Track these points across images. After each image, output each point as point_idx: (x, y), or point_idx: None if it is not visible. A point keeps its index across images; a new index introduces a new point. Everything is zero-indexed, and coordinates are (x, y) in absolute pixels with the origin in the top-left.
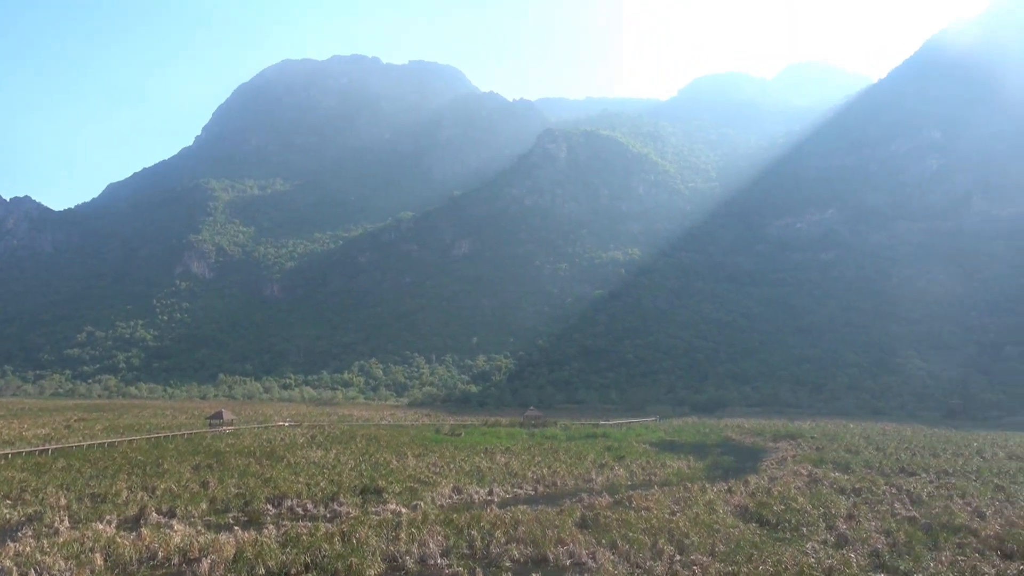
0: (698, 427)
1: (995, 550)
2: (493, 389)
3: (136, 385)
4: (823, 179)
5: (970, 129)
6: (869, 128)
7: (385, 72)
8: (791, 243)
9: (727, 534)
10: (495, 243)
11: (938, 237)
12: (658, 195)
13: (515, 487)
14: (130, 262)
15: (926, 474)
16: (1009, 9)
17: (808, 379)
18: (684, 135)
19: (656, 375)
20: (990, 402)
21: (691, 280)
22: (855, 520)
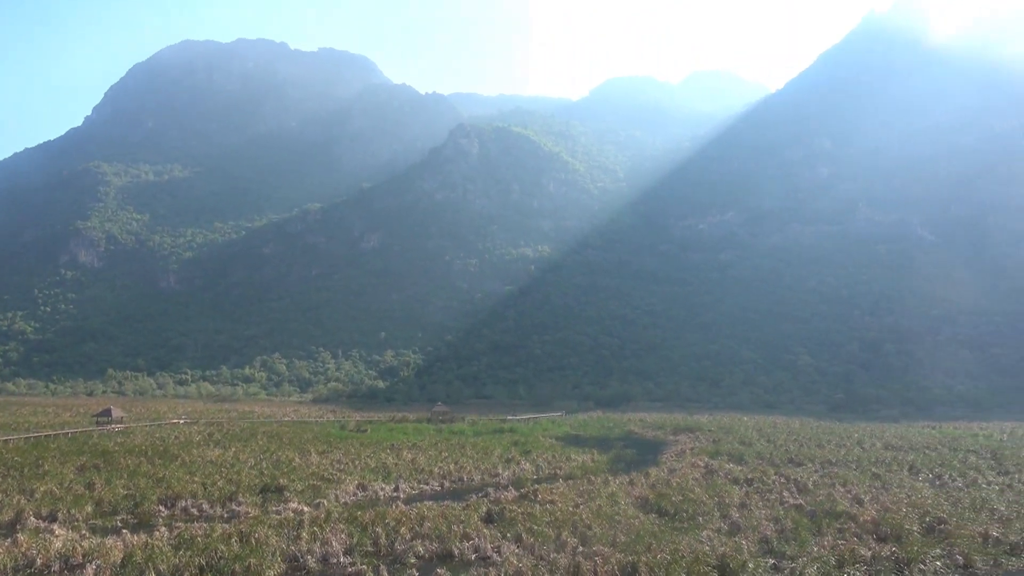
0: (602, 421)
1: (871, 534)
2: (401, 385)
3: (14, 381)
4: (724, 183)
5: (857, 140)
6: (767, 135)
7: (293, 58)
8: (693, 243)
9: (628, 525)
10: (405, 237)
11: (827, 240)
12: (568, 193)
13: (422, 483)
14: (8, 249)
15: (812, 464)
16: (893, 30)
17: (707, 374)
18: (594, 135)
19: (563, 370)
20: (870, 396)
21: (598, 277)
22: (747, 509)
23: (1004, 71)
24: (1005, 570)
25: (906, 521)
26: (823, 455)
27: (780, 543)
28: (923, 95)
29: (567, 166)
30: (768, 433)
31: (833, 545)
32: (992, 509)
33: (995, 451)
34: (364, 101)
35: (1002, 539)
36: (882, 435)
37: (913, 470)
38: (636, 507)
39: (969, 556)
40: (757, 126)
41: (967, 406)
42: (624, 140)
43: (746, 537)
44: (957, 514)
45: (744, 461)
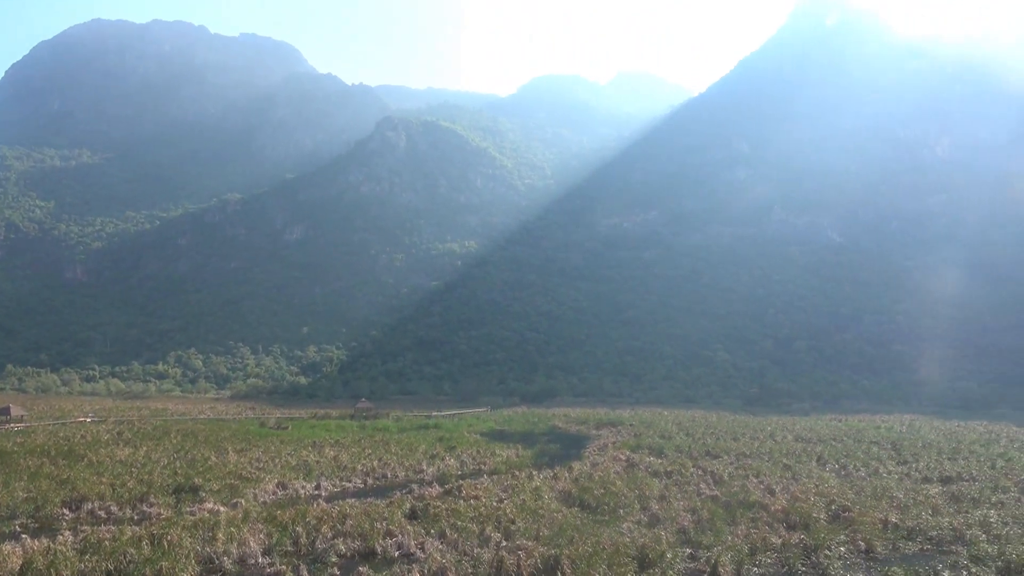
0: (527, 416)
1: (782, 522)
2: (324, 381)
3: None
4: (648, 182)
5: (773, 144)
6: (688, 137)
7: (213, 43)
8: (618, 241)
9: (551, 519)
10: (329, 230)
11: (744, 241)
12: (496, 189)
13: (344, 481)
14: None
15: (727, 456)
16: (808, 41)
17: (630, 370)
18: (522, 132)
19: (489, 366)
20: (782, 391)
21: (524, 274)
22: (666, 501)
23: (909, 84)
24: (902, 554)
25: (814, 510)
26: (738, 447)
27: (697, 533)
28: (834, 104)
29: (495, 162)
30: (687, 427)
31: (746, 534)
32: (892, 497)
33: (895, 442)
34: (288, 90)
35: (900, 525)
36: (793, 428)
37: (821, 461)
38: (559, 501)
39: (870, 541)
40: (680, 128)
41: (870, 400)
42: (552, 138)
43: (665, 528)
44: (860, 502)
45: (664, 454)
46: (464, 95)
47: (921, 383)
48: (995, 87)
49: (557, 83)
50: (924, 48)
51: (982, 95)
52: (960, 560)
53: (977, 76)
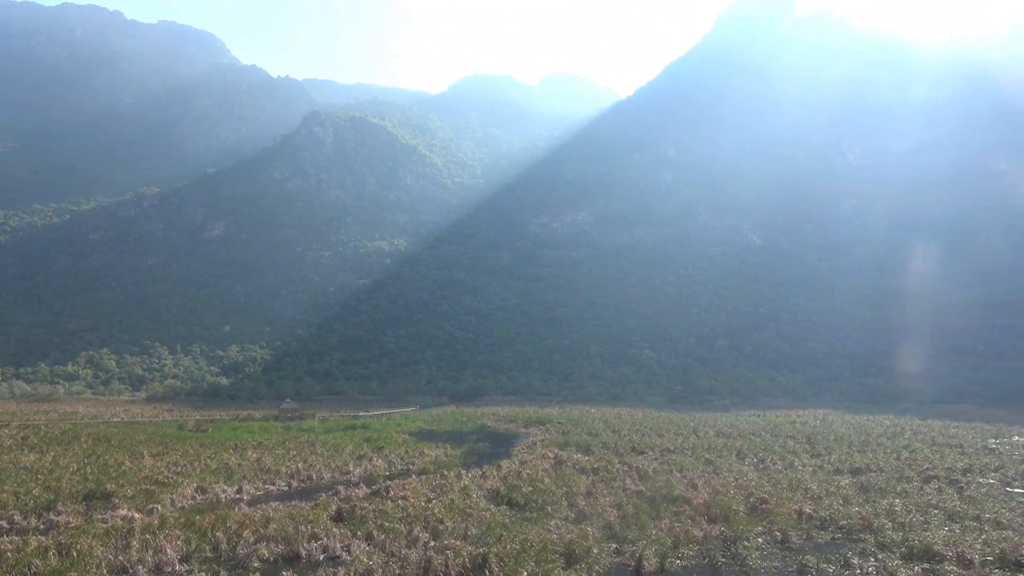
0: (456, 416)
1: (703, 515)
2: (246, 381)
3: None
4: (577, 183)
5: (697, 148)
6: (617, 139)
7: (129, 29)
8: (547, 241)
9: (479, 517)
10: (253, 226)
11: (669, 242)
12: (425, 187)
13: (267, 483)
14: None
15: (652, 452)
16: (730, 49)
17: (558, 368)
18: (452, 130)
19: (417, 365)
20: (705, 387)
21: (454, 272)
22: (593, 497)
23: (824, 93)
24: (815, 542)
25: (733, 502)
26: (662, 443)
27: (622, 528)
28: (755, 111)
29: (425, 160)
30: (614, 424)
31: (670, 527)
32: (806, 488)
33: (809, 436)
34: (210, 81)
35: (813, 515)
36: (714, 423)
37: (740, 455)
38: (488, 499)
39: (786, 532)
40: (609, 130)
41: (787, 395)
42: (482, 137)
43: (591, 524)
44: (777, 494)
45: (591, 451)
46: (394, 91)
47: (833, 379)
48: (902, 98)
49: (488, 82)
50: (838, 60)
51: (890, 105)
52: (868, 547)
53: (886, 87)
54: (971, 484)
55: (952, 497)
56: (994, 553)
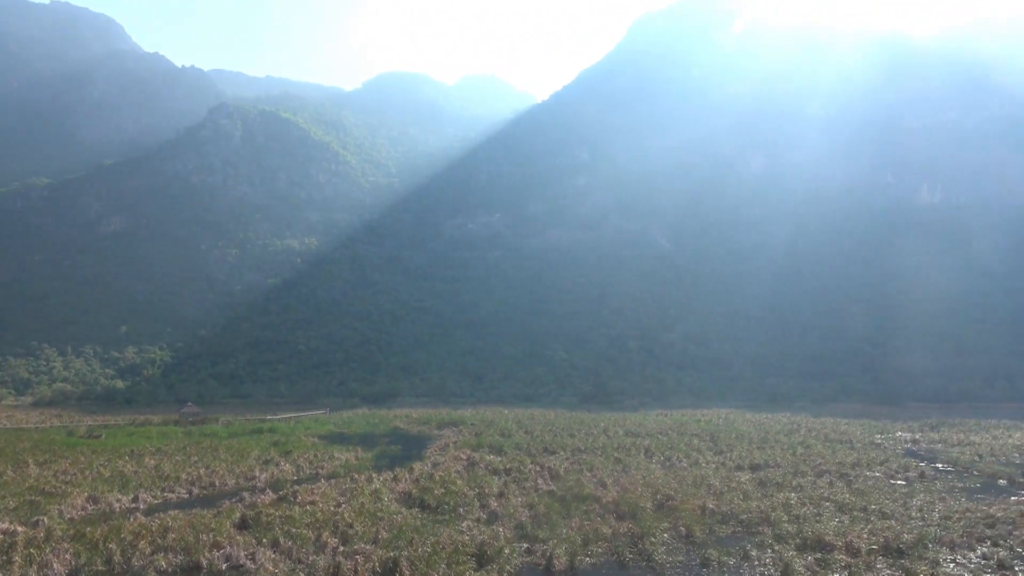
0: (368, 418)
1: (612, 513)
2: (144, 384)
3: None
4: (492, 185)
5: (610, 153)
6: (533, 143)
7: (18, 9)
8: (462, 242)
9: (391, 521)
10: (153, 222)
11: (582, 245)
12: (338, 185)
13: (166, 491)
14: None
15: (564, 452)
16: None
17: (472, 369)
18: (367, 128)
19: (328, 367)
20: (615, 388)
21: (367, 272)
22: (505, 497)
23: (729, 105)
24: (718, 536)
25: (641, 500)
26: (574, 443)
27: (534, 528)
28: (665, 119)
29: (338, 157)
30: (526, 424)
31: (580, 526)
32: (709, 485)
33: (713, 434)
34: (107, 67)
35: (716, 510)
36: (624, 423)
37: (648, 453)
38: (400, 503)
39: (690, 527)
40: (525, 133)
41: (693, 395)
42: (398, 136)
43: (503, 524)
44: (682, 491)
45: (504, 452)
46: (307, 86)
47: (736, 379)
48: (800, 112)
49: (404, 80)
50: (742, 72)
51: (791, 118)
52: (766, 539)
53: (786, 101)
54: (859, 477)
55: (842, 490)
56: (878, 542)
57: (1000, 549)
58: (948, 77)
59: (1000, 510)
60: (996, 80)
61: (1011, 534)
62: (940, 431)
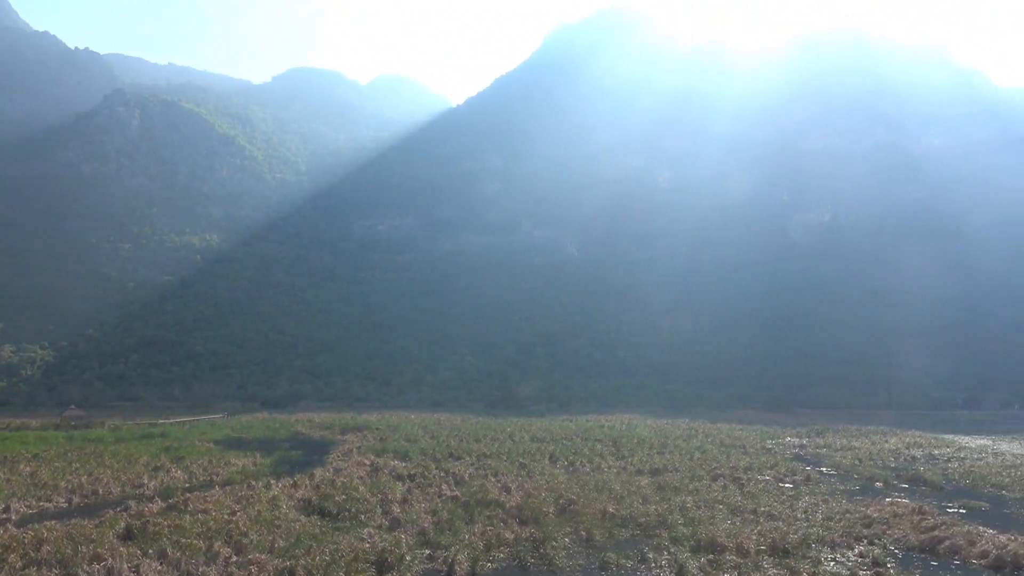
0: (268, 423)
1: (515, 518)
2: (22, 386)
3: None
4: (405, 187)
5: (523, 161)
6: (446, 146)
7: None
8: (372, 244)
9: (288, 529)
10: (38, 213)
11: (493, 250)
12: (243, 181)
13: (43, 500)
14: None
15: (469, 457)
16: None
17: (378, 374)
18: (276, 124)
19: (227, 369)
20: (523, 393)
21: (272, 272)
22: (408, 503)
23: (638, 119)
24: (617, 539)
25: (544, 504)
26: (479, 449)
27: (436, 534)
28: (576, 130)
29: (244, 152)
30: (432, 430)
31: (483, 531)
32: (610, 489)
33: (616, 439)
34: None
35: (616, 514)
36: (530, 428)
37: (553, 459)
38: (299, 510)
39: (591, 530)
40: (438, 137)
41: (597, 401)
42: (308, 133)
43: (405, 531)
44: (584, 495)
45: (408, 458)
46: (212, 76)
47: (639, 386)
48: (706, 129)
49: (316, 77)
50: (652, 88)
51: (697, 135)
52: (662, 542)
53: (693, 118)
54: (751, 481)
55: (735, 493)
56: (766, 542)
57: (875, 547)
58: (840, 105)
59: (876, 511)
60: (881, 109)
61: (885, 533)
62: (825, 437)
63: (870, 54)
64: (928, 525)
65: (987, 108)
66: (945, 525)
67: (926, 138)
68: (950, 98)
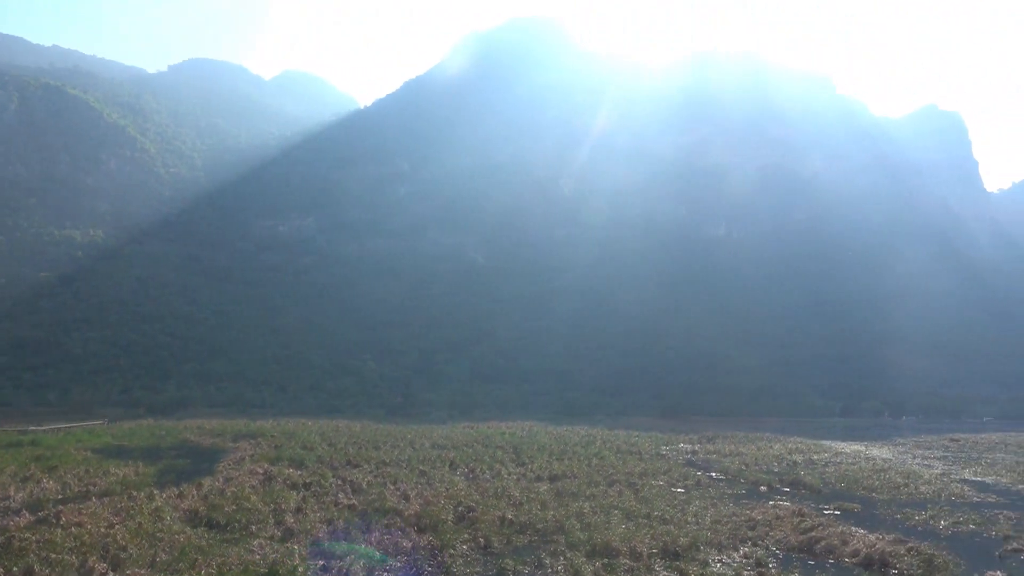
0: (154, 430)
1: (414, 526)
2: None
3: None
4: (308, 187)
5: (430, 167)
6: (353, 148)
7: None
8: (272, 244)
9: (172, 541)
10: None
11: (399, 255)
12: (133, 174)
13: None
14: None
15: (368, 465)
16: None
17: (275, 379)
18: (171, 116)
19: (110, 373)
20: (425, 400)
21: (163, 271)
22: (303, 513)
23: (545, 130)
24: (515, 546)
25: (443, 512)
26: (379, 456)
27: (331, 544)
28: (485, 138)
29: (134, 143)
30: (331, 437)
31: (380, 540)
32: (510, 496)
33: (516, 446)
34: None
35: (515, 520)
36: (431, 435)
37: (453, 466)
38: (185, 521)
39: (489, 538)
40: (344, 138)
41: (499, 408)
42: (206, 127)
43: (299, 541)
44: (483, 502)
45: (305, 466)
46: (101, 62)
47: (540, 393)
48: (610, 144)
49: (216, 69)
50: (557, 99)
51: (602, 148)
52: (559, 547)
53: (598, 131)
54: (645, 486)
55: (630, 498)
56: (658, 545)
57: (758, 548)
58: (735, 126)
59: (760, 513)
60: (773, 132)
61: (767, 535)
62: (715, 443)
63: (763, 78)
64: (806, 526)
65: (866, 136)
66: (822, 526)
67: (811, 161)
68: (833, 124)
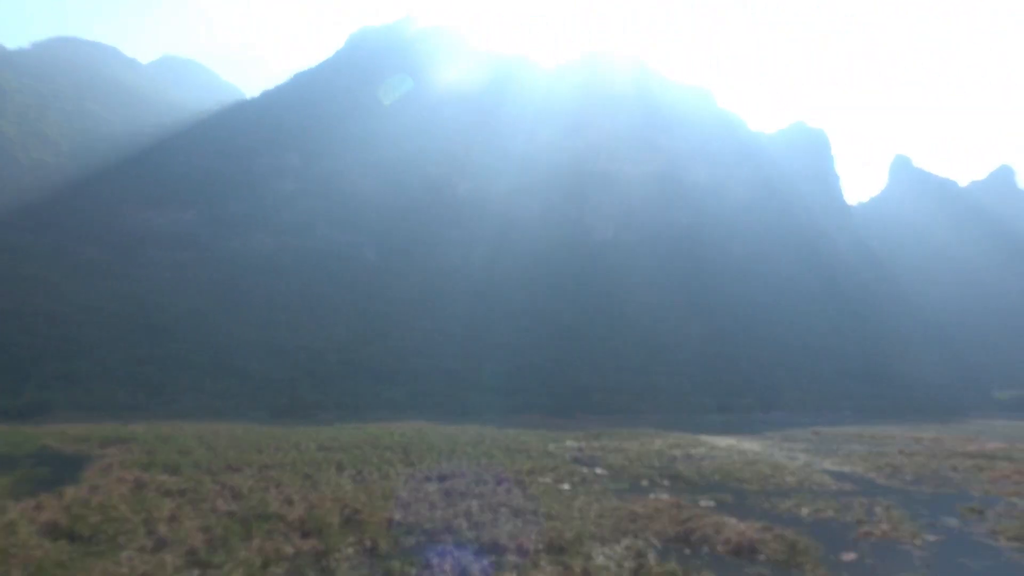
0: (8, 436)
1: (297, 531)
2: None
3: None
4: (188, 179)
5: (322, 162)
6: (238, 139)
7: None
8: (148, 238)
9: (28, 557)
10: None
11: (287, 252)
12: None
13: None
14: None
15: (250, 469)
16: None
17: (149, 380)
18: (35, 96)
19: None
20: (312, 401)
21: (24, 265)
22: (177, 521)
23: (440, 130)
24: (402, 547)
25: (328, 515)
26: (261, 459)
27: (208, 552)
28: (379, 135)
29: None
30: (209, 440)
31: (260, 547)
32: (398, 497)
33: (405, 446)
34: None
35: (403, 522)
36: (318, 437)
37: (340, 468)
38: (43, 535)
39: (376, 540)
40: (229, 128)
41: (389, 408)
42: (75, 111)
43: (172, 551)
44: (371, 504)
45: (180, 471)
46: None
47: (432, 393)
48: (505, 145)
49: (86, 49)
50: (453, 99)
51: (496, 150)
52: (447, 547)
53: (491, 131)
54: (533, 483)
55: (518, 496)
56: (544, 541)
57: (639, 540)
58: (622, 133)
59: (641, 507)
60: (658, 141)
61: (647, 527)
62: (600, 440)
63: (649, 86)
64: (683, 518)
65: (743, 148)
66: (697, 517)
67: (694, 170)
68: (713, 136)
